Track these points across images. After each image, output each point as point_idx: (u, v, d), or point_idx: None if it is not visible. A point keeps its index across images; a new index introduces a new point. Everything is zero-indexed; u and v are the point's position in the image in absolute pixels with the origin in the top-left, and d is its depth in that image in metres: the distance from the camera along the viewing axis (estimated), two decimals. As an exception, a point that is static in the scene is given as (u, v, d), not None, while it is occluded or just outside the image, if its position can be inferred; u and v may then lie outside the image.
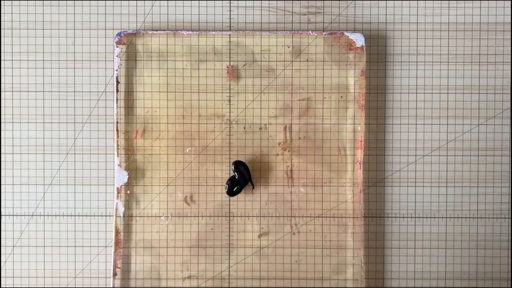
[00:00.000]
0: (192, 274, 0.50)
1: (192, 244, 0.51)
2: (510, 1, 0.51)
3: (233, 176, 0.49)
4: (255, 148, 0.50)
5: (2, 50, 0.51)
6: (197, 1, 0.51)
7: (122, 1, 0.51)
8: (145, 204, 0.50)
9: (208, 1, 0.51)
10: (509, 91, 0.51)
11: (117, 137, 0.50)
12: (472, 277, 0.51)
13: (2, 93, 0.51)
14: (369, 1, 0.51)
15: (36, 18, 0.51)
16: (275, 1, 0.51)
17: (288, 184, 0.50)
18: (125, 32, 0.49)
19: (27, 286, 0.51)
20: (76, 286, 0.51)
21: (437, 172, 0.51)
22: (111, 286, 0.50)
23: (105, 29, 0.51)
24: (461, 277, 0.51)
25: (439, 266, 0.51)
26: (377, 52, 0.51)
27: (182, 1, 0.51)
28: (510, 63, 0.51)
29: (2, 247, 0.51)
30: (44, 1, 0.51)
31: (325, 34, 0.50)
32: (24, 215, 0.51)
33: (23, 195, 0.51)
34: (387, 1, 0.51)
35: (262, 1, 0.51)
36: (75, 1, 0.51)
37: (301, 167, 0.50)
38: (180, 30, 0.50)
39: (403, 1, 0.51)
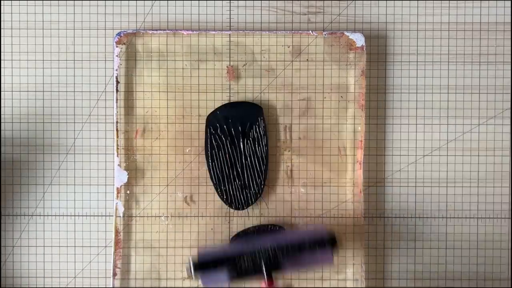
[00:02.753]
0: (192, 274, 0.50)
1: (192, 244, 0.50)
2: (510, 1, 0.51)
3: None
4: (255, 148, 0.50)
5: (2, 50, 0.51)
6: (197, 1, 0.51)
7: (122, 1, 0.51)
8: (145, 204, 0.50)
9: (208, 1, 0.51)
10: (509, 91, 0.51)
11: (117, 137, 0.50)
12: (472, 277, 0.51)
13: (2, 93, 0.51)
14: (369, 1, 0.51)
15: (36, 18, 0.51)
16: (275, 1, 0.51)
17: (288, 184, 0.50)
18: (125, 32, 0.49)
19: (27, 286, 0.51)
20: (76, 286, 0.51)
21: (437, 172, 0.51)
22: (111, 286, 0.50)
23: (105, 29, 0.51)
24: (461, 277, 0.51)
25: (439, 266, 0.51)
26: (377, 52, 0.51)
27: (182, 1, 0.51)
28: (510, 63, 0.51)
29: (2, 247, 0.51)
30: (44, 1, 0.51)
31: (325, 34, 0.49)
32: (24, 215, 0.51)
33: (23, 195, 0.51)
34: (387, 1, 0.51)
35: (262, 1, 0.51)
36: (75, 1, 0.51)
37: (301, 167, 0.50)
38: (180, 30, 0.50)
39: (403, 1, 0.51)
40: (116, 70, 0.50)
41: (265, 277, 0.43)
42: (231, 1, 0.51)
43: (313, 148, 0.50)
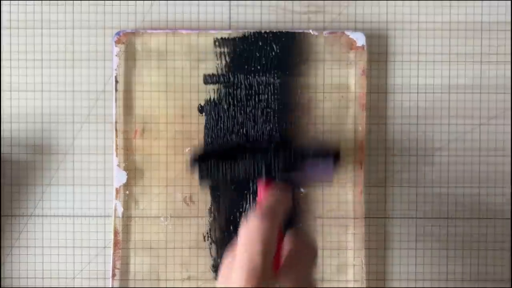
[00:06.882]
0: (191, 275, 0.50)
1: (191, 244, 0.50)
2: (510, 1, 0.51)
3: None
4: (255, 148, 0.50)
5: (1, 50, 0.51)
6: (197, 0, 0.51)
7: (121, 0, 0.51)
8: (144, 204, 0.50)
9: (208, 0, 0.51)
10: (509, 91, 0.51)
11: (116, 137, 0.49)
12: (473, 278, 0.51)
13: (0, 92, 0.51)
14: (370, 0, 0.51)
15: (35, 17, 0.51)
16: (276, 0, 0.51)
17: (288, 185, 0.50)
18: (124, 31, 0.49)
19: (26, 287, 0.51)
20: (75, 287, 0.51)
21: (439, 172, 0.51)
22: (110, 287, 0.50)
23: (104, 28, 0.51)
24: (462, 278, 0.51)
25: (440, 267, 0.51)
26: (378, 52, 0.51)
27: (181, 0, 0.51)
28: (510, 63, 0.51)
29: (1, 248, 0.51)
30: (43, 0, 0.51)
31: (325, 34, 0.49)
32: (23, 216, 0.51)
33: (22, 195, 0.51)
34: (388, 0, 0.51)
35: (262, 0, 0.51)
36: (74, 0, 0.51)
37: (302, 167, 0.50)
38: (180, 29, 0.50)
39: (404, 0, 0.51)
40: (115, 69, 0.49)
41: (263, 177, 0.41)
42: (231, 0, 0.51)
43: (313, 148, 0.50)
